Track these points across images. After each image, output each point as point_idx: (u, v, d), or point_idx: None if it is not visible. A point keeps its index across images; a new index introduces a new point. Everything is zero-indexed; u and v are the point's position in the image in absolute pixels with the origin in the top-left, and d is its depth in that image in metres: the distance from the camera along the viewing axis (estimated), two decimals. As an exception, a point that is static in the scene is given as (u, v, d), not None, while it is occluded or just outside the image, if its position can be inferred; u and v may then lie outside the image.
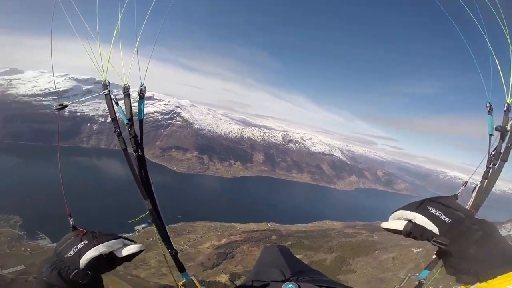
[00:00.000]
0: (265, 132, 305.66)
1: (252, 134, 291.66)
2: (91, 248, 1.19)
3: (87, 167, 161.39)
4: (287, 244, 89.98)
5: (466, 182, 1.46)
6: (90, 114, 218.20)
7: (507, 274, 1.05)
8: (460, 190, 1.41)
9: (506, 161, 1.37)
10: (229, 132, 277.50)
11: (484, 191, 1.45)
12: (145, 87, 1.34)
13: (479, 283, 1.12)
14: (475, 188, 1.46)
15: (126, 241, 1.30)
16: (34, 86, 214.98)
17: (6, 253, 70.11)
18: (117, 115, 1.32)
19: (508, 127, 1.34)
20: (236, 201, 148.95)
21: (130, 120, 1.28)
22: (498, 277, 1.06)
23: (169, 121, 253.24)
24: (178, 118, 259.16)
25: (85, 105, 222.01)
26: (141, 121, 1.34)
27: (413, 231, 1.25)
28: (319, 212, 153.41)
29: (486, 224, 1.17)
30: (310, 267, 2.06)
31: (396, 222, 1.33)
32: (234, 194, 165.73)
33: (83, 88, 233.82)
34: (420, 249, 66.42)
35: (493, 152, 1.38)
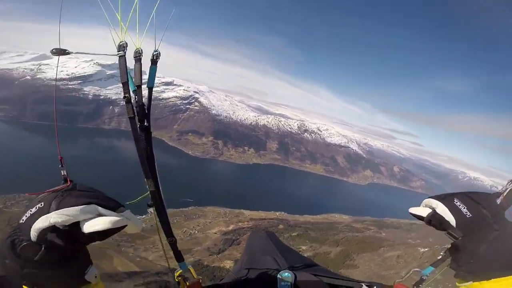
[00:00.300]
0: (281, 121, 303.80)
1: (268, 122, 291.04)
2: (42, 215, 0.88)
3: (107, 147, 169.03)
4: (293, 234, 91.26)
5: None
6: (113, 98, 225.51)
7: (501, 278, 1.04)
8: (504, 187, 1.28)
9: None
10: (245, 119, 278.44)
11: None
12: (159, 52, 1.23)
13: (473, 281, 1.13)
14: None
15: (101, 210, 0.94)
16: (61, 71, 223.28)
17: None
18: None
19: None
20: (247, 188, 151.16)
21: (139, 87, 1.16)
22: (492, 279, 1.06)
23: (188, 106, 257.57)
24: (196, 103, 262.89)
25: (108, 89, 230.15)
26: (150, 89, 1.21)
27: (433, 220, 1.26)
28: (329, 204, 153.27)
29: (509, 225, 1.13)
30: (301, 254, 2.08)
31: (423, 209, 1.34)
32: (245, 181, 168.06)
33: (107, 73, 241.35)
34: (426, 249, 65.38)
35: None
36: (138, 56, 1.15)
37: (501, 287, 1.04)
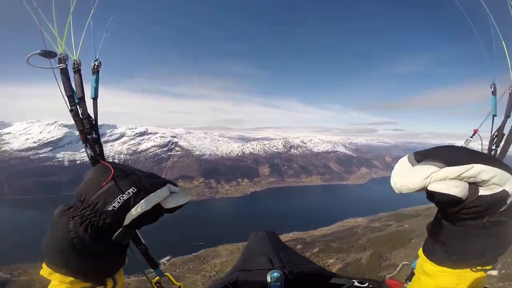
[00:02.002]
0: (265, 144, 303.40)
1: (253, 148, 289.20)
2: (142, 199, 0.90)
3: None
4: (314, 251, 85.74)
5: (475, 131, 1.24)
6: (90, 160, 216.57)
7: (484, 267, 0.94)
8: (468, 140, 1.25)
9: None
10: (230, 152, 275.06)
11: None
12: (99, 62, 1.14)
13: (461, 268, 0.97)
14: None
15: (171, 187, 1.02)
16: (27, 139, 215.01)
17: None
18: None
19: None
20: (252, 218, 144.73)
21: (82, 98, 1.09)
22: (477, 267, 0.94)
23: (169, 153, 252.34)
24: (177, 148, 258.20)
25: (82, 152, 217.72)
26: (94, 99, 1.13)
27: (487, 204, 0.83)
28: (338, 211, 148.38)
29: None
30: (299, 254, 2.00)
31: (457, 184, 0.82)
32: (248, 212, 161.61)
33: (76, 134, 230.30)
34: None
35: (495, 133, 1.20)
36: (77, 67, 1.09)
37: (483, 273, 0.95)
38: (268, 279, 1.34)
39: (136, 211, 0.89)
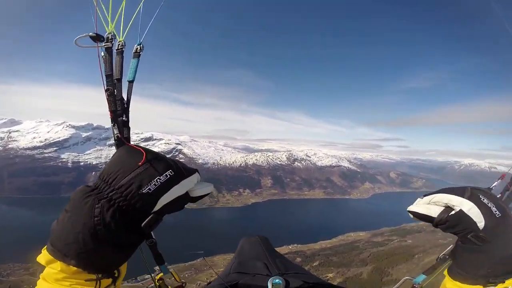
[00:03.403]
0: (269, 156, 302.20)
1: (256, 159, 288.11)
2: (177, 184, 0.89)
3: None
4: (314, 264, 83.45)
5: (503, 176, 1.27)
6: (94, 163, 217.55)
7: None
8: (496, 183, 1.25)
9: None
10: (233, 162, 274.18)
11: None
12: (142, 45, 1.16)
13: (488, 285, 1.02)
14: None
15: (198, 176, 1.04)
16: (34, 138, 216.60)
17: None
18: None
19: None
20: (251, 228, 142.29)
21: (119, 80, 1.10)
22: (506, 281, 0.99)
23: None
24: (181, 156, 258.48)
25: (87, 154, 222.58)
26: (130, 82, 1.13)
27: (453, 221, 1.09)
28: (340, 225, 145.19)
29: None
30: (293, 262, 1.99)
31: (429, 206, 1.17)
32: (249, 222, 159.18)
33: (83, 136, 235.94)
34: None
35: None
36: (121, 49, 1.11)
37: None
38: (269, 286, 1.31)
39: (170, 196, 0.87)
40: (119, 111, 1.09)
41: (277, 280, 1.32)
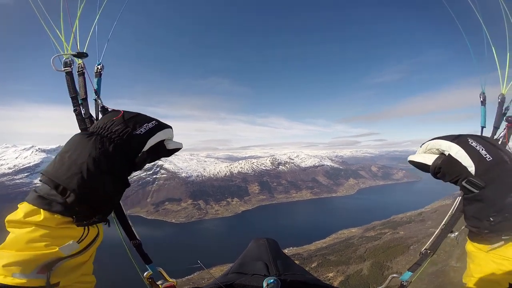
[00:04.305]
0: (253, 162, 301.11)
1: (241, 167, 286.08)
2: (161, 130, 1.06)
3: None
4: (313, 265, 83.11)
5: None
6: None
7: None
8: (504, 131, 1.17)
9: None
10: (217, 172, 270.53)
11: None
12: (102, 65, 1.24)
13: (503, 242, 0.96)
14: None
15: (172, 132, 1.16)
16: (2, 165, 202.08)
17: None
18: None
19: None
20: (244, 236, 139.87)
21: (85, 100, 1.17)
22: None
23: (154, 176, 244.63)
24: (163, 171, 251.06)
25: None
26: (96, 100, 1.19)
27: (444, 167, 1.05)
28: (332, 223, 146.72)
29: None
30: (296, 264, 2.01)
31: (425, 155, 1.14)
32: (241, 230, 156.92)
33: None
34: (456, 233, 61.43)
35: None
36: (81, 71, 1.17)
37: None
38: (264, 285, 1.33)
39: (156, 139, 1.03)
40: (89, 127, 1.15)
41: (271, 281, 1.33)
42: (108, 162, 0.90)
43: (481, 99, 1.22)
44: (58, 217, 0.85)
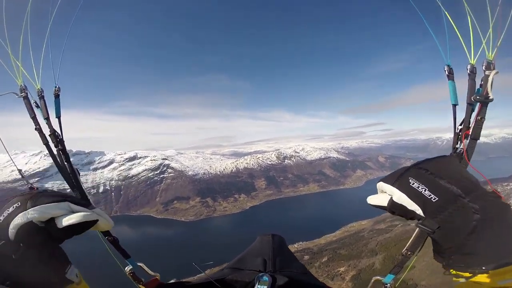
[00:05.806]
0: (259, 157, 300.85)
1: (247, 163, 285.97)
2: (20, 213, 0.90)
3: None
4: (323, 260, 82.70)
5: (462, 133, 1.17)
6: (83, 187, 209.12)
7: (499, 270, 0.82)
8: (461, 146, 1.14)
9: (478, 139, 1.11)
10: (224, 169, 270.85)
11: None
12: (58, 87, 1.35)
13: (466, 279, 0.90)
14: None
15: (74, 206, 1.00)
16: (13, 171, 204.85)
17: None
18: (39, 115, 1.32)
19: (490, 95, 1.04)
20: (253, 232, 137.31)
21: (47, 118, 1.28)
22: (490, 272, 0.84)
23: (162, 175, 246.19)
24: (170, 170, 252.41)
25: None
26: (58, 118, 1.34)
27: (395, 210, 1.01)
28: (341, 216, 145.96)
29: (490, 202, 0.86)
30: (298, 261, 1.98)
31: (379, 196, 1.11)
32: (250, 226, 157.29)
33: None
34: None
35: (459, 127, 1.17)
36: (40, 94, 1.29)
37: (501, 277, 0.83)
38: (256, 282, 1.33)
39: (12, 224, 0.90)
40: (54, 142, 1.32)
41: (264, 277, 1.33)
42: None
43: (447, 72, 1.14)
44: None
